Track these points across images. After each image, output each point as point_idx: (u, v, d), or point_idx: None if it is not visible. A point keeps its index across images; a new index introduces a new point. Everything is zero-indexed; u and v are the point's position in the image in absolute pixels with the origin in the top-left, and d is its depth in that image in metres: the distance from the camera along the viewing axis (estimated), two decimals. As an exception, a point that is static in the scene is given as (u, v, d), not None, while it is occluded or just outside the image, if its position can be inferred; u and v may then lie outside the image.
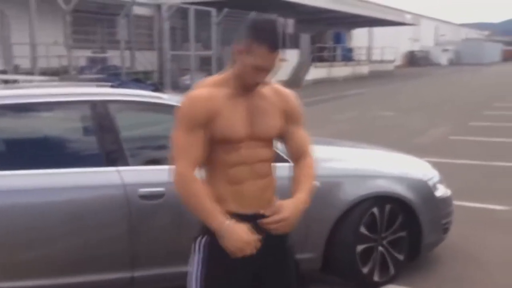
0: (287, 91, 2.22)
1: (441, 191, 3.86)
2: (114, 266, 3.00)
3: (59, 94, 3.19)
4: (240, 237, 1.94)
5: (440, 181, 3.93)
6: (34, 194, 2.87)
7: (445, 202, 3.88)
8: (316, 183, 3.31)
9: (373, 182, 3.61)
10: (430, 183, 3.80)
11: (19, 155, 3.05)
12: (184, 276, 2.14)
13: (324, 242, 3.41)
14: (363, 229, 3.48)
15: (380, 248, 3.57)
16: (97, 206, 2.95)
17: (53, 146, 3.15)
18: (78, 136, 3.29)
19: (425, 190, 3.75)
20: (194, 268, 2.08)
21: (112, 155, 3.03)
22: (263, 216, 2.03)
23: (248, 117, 2.06)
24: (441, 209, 3.83)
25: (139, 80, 2.91)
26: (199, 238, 2.07)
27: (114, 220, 2.97)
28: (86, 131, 3.21)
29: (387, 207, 3.55)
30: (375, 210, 3.51)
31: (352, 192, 3.46)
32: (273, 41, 1.95)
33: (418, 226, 3.63)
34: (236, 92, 2.05)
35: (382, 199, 3.55)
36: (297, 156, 2.22)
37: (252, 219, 2.02)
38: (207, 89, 2.05)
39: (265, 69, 1.99)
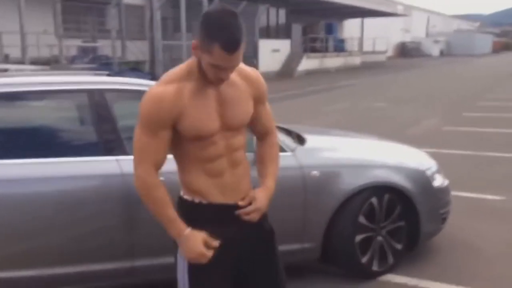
0: (254, 73, 2.09)
1: (439, 181, 3.86)
2: (114, 255, 2.97)
3: (56, 83, 3.13)
4: (194, 248, 1.94)
5: (438, 171, 3.93)
6: (32, 183, 2.83)
7: (443, 191, 3.89)
8: (315, 173, 3.35)
9: (371, 172, 3.60)
10: (428, 173, 3.81)
11: (16, 144, 2.99)
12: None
13: (323, 232, 3.40)
14: (362, 219, 3.47)
15: (379, 237, 3.58)
16: (96, 196, 2.91)
17: (51, 135, 3.10)
18: (76, 125, 3.24)
19: (423, 180, 3.75)
20: (179, 270, 2.05)
21: (110, 144, 2.99)
22: (240, 207, 2.04)
23: (219, 108, 1.96)
24: (439, 198, 3.84)
25: (136, 69, 2.85)
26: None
27: (113, 210, 2.94)
28: (84, 120, 3.17)
29: (386, 196, 3.55)
30: (373, 200, 3.51)
31: (350, 182, 3.45)
32: (227, 42, 1.77)
33: (417, 215, 3.64)
34: (203, 84, 1.93)
35: (380, 189, 3.54)
36: (262, 133, 2.19)
37: (233, 209, 2.02)
38: (172, 85, 1.90)
39: (224, 68, 1.86)
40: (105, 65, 15.40)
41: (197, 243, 1.94)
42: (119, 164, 2.93)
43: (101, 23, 20.20)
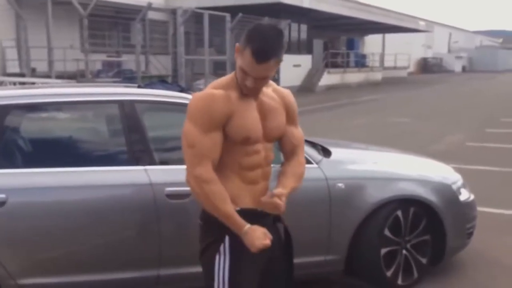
0: (286, 90, 2.24)
1: (465, 195, 3.83)
2: (140, 264, 3.01)
3: (87, 94, 3.23)
4: (261, 238, 2.00)
5: (464, 185, 3.90)
6: (63, 191, 2.90)
7: (469, 206, 3.85)
8: (340, 185, 3.35)
9: (397, 184, 3.59)
10: (454, 187, 3.78)
11: (49, 153, 3.08)
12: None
13: (348, 244, 3.40)
14: (387, 232, 3.46)
15: (404, 251, 3.56)
16: (125, 205, 2.97)
17: (82, 145, 3.19)
18: (106, 135, 3.32)
19: (449, 194, 3.72)
20: (217, 269, 2.08)
21: (139, 154, 3.05)
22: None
23: (261, 117, 2.08)
24: (465, 213, 3.81)
25: (165, 81, 2.91)
26: (221, 244, 2.08)
27: (141, 219, 2.99)
28: (114, 130, 3.24)
29: (411, 210, 3.54)
30: (399, 212, 3.50)
31: (376, 195, 3.44)
32: (258, 49, 1.88)
33: (442, 230, 3.61)
34: (246, 94, 2.05)
35: (406, 202, 3.53)
36: (290, 153, 2.25)
37: (262, 215, 2.09)
38: (219, 90, 2.03)
39: (251, 76, 1.95)
40: (129, 79, 15.64)
41: (261, 234, 2.00)
42: (147, 174, 2.99)
43: (126, 38, 20.57)
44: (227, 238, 2.07)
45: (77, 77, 15.42)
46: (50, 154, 3.07)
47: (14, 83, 11.25)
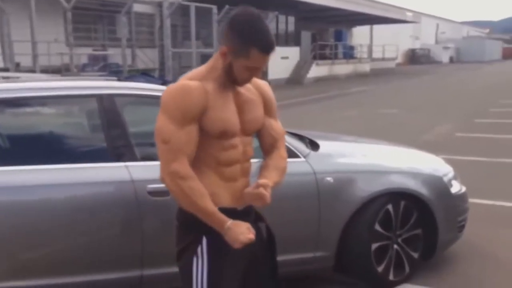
0: (263, 82, 2.16)
1: (457, 187, 3.76)
2: (123, 264, 2.90)
3: (64, 88, 3.08)
4: (245, 233, 1.91)
5: (455, 177, 3.83)
6: (39, 190, 2.76)
7: (460, 198, 3.78)
8: (329, 179, 3.26)
9: (387, 178, 3.50)
10: (445, 179, 3.70)
11: (24, 150, 2.94)
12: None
13: (337, 240, 3.31)
14: (377, 227, 3.38)
15: (395, 246, 3.48)
16: (105, 203, 2.84)
17: (60, 141, 3.05)
18: (85, 130, 3.19)
19: (440, 186, 3.64)
20: (196, 273, 1.98)
21: (120, 150, 2.93)
22: (250, 210, 2.04)
23: (238, 110, 1.99)
24: (456, 206, 3.73)
25: (147, 74, 2.82)
26: (198, 245, 1.97)
27: (122, 217, 2.87)
28: (93, 125, 3.11)
29: (402, 203, 3.46)
30: (389, 206, 3.41)
31: (365, 188, 3.35)
32: (265, 45, 1.87)
33: (434, 223, 3.54)
34: (223, 86, 1.96)
35: (396, 195, 3.45)
36: (270, 147, 2.15)
37: (242, 214, 1.99)
38: (195, 82, 1.92)
39: (258, 68, 1.94)
40: (115, 73, 15.43)
41: (245, 229, 1.91)
42: (128, 171, 2.87)
43: (111, 31, 20.27)
44: (204, 239, 1.96)
45: (62, 71, 15.17)
46: (25, 151, 2.93)
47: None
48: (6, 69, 14.55)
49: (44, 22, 15.75)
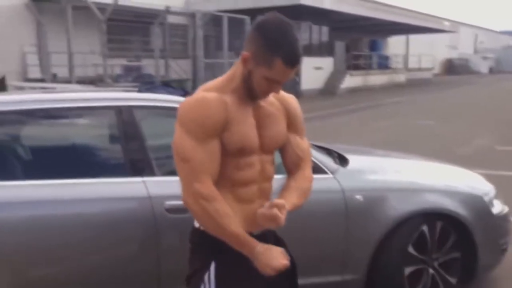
0: (289, 95, 1.97)
1: (498, 207, 3.49)
2: (139, 283, 2.78)
3: (82, 99, 2.98)
4: (278, 257, 1.76)
5: (496, 196, 3.56)
6: (55, 205, 2.67)
7: (502, 219, 3.52)
8: (358, 197, 3.06)
9: (421, 196, 3.28)
10: (486, 198, 3.45)
11: (40, 163, 2.86)
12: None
13: (368, 262, 3.10)
14: (411, 249, 3.15)
15: (430, 270, 3.24)
16: (121, 220, 2.72)
17: (75, 155, 2.95)
18: (103, 143, 3.08)
19: (480, 206, 3.39)
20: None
21: (137, 165, 2.81)
22: (267, 234, 1.88)
23: (257, 125, 1.83)
24: (498, 227, 3.48)
25: (168, 84, 2.74)
26: (206, 272, 1.83)
27: (139, 235, 2.75)
28: (110, 138, 3.01)
29: (438, 224, 3.23)
30: (424, 227, 3.19)
31: (398, 208, 3.15)
32: (290, 56, 1.69)
33: (473, 246, 3.29)
34: (242, 98, 1.80)
35: (432, 215, 3.23)
36: (294, 168, 1.96)
37: (259, 239, 1.80)
38: (213, 94, 1.77)
39: (279, 82, 1.74)
40: (148, 83, 15.56)
41: (279, 253, 1.77)
42: (146, 186, 2.74)
43: (145, 42, 20.55)
44: (213, 266, 1.81)
45: (97, 82, 15.40)
46: (41, 165, 2.84)
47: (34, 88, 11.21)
48: (42, 80, 14.87)
49: (80, 33, 16.07)
